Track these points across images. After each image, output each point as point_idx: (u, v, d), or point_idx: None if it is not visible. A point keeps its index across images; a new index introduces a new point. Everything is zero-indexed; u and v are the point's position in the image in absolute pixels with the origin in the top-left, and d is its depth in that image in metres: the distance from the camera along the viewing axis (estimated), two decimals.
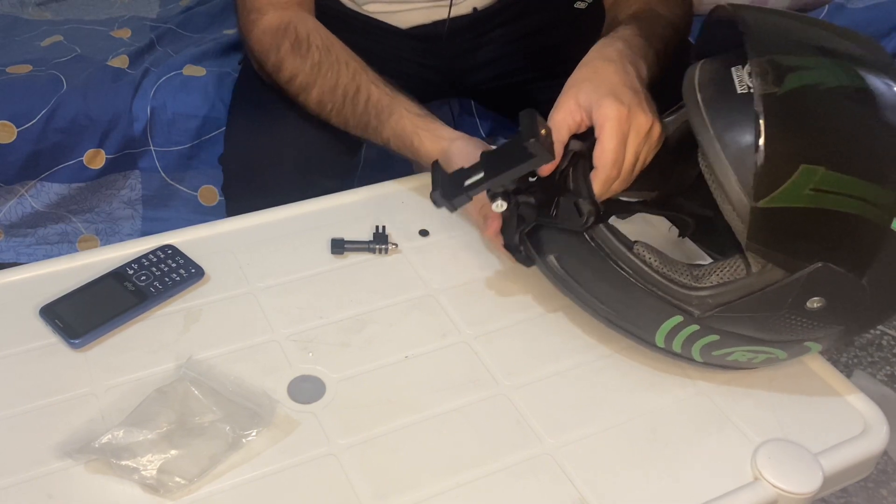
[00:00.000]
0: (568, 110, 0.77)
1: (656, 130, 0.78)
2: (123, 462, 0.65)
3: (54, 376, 0.74)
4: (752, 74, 0.65)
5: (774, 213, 0.62)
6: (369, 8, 1.18)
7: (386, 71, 1.02)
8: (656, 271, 0.70)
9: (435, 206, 0.75)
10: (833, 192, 0.62)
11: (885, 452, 0.73)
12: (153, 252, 0.85)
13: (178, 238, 0.88)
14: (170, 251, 0.85)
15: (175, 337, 0.78)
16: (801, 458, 0.69)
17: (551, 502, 0.66)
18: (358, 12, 1.19)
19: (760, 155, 0.62)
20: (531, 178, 0.75)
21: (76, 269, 0.84)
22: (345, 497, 0.65)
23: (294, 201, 0.95)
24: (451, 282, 0.85)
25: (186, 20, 1.65)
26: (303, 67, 1.01)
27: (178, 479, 0.65)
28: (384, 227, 0.90)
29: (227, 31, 1.60)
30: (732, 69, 0.69)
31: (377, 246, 0.88)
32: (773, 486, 0.67)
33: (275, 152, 1.07)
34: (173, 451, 0.66)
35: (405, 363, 0.77)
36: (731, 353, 0.71)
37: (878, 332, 1.66)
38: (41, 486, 0.65)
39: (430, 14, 1.18)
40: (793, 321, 0.67)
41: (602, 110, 0.75)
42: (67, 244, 1.49)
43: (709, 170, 0.68)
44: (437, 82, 1.26)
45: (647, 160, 0.78)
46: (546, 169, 0.76)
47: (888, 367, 1.59)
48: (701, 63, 0.73)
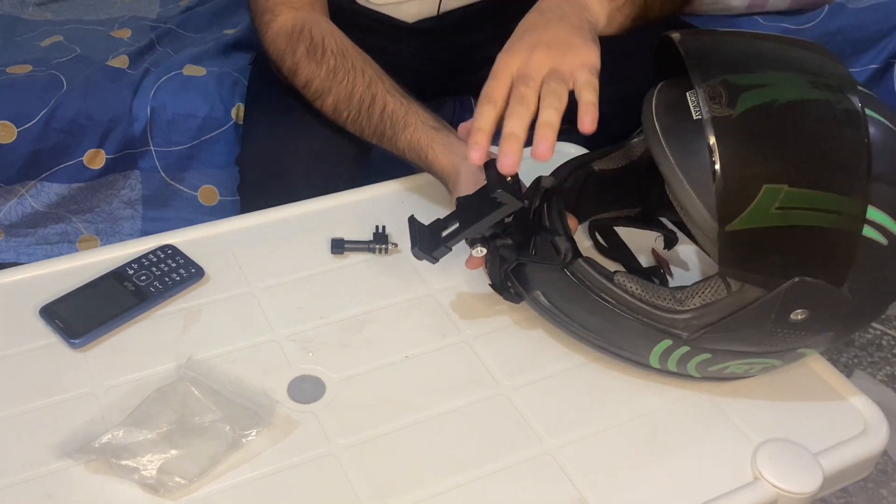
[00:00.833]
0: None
1: (569, 62, 0.75)
2: (123, 462, 0.65)
3: (54, 376, 0.74)
4: (704, 99, 0.65)
5: (743, 235, 0.62)
6: (375, 0, 1.18)
7: (390, 66, 1.02)
8: (639, 299, 0.70)
9: (417, 259, 0.77)
10: (799, 207, 0.62)
11: (885, 452, 0.73)
12: (153, 252, 0.85)
13: (178, 238, 0.88)
14: (170, 251, 0.85)
15: (175, 337, 0.78)
16: (801, 457, 0.69)
17: (551, 502, 0.66)
18: (363, 7, 1.19)
19: (720, 181, 0.62)
20: (507, 220, 0.76)
21: (76, 269, 0.85)
22: (345, 497, 0.65)
23: None
24: (450, 281, 0.85)
25: (186, 20, 1.65)
26: (318, 73, 1.01)
27: (178, 479, 0.65)
28: (384, 227, 0.90)
29: (227, 31, 1.60)
30: (688, 94, 0.68)
31: (377, 246, 0.88)
32: (773, 485, 0.67)
33: (292, 156, 1.07)
34: (173, 451, 0.66)
35: (405, 363, 0.77)
36: (726, 368, 0.71)
37: (878, 332, 1.66)
38: (41, 486, 0.65)
39: (433, 5, 1.18)
40: (780, 333, 0.67)
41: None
42: (67, 244, 1.49)
43: (674, 198, 0.68)
44: (442, 78, 1.26)
45: (587, 85, 0.74)
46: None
47: (888, 367, 1.59)
48: (658, 89, 0.72)
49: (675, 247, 0.88)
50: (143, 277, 0.82)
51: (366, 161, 1.11)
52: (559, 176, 0.81)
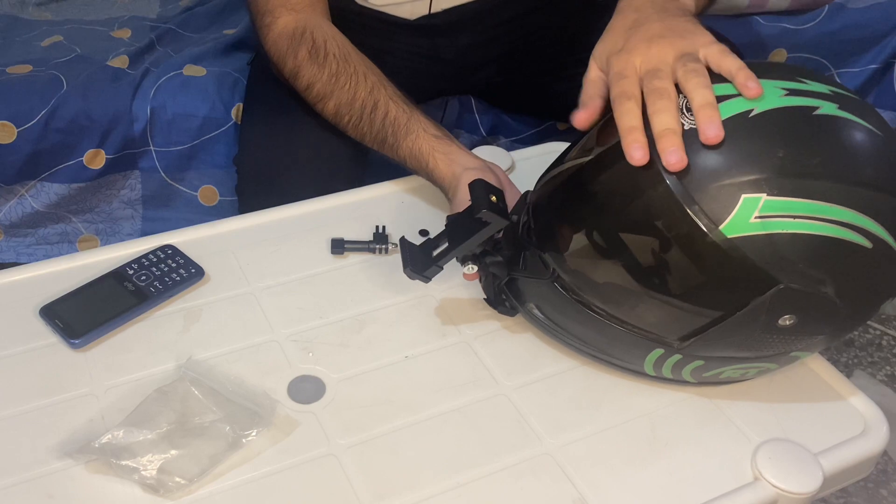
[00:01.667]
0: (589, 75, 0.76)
1: (690, 46, 0.72)
2: (123, 462, 0.65)
3: (54, 376, 0.74)
4: (682, 112, 0.66)
5: (726, 244, 0.62)
6: (375, 0, 1.18)
7: (391, 67, 1.02)
8: None
9: (410, 279, 0.77)
10: (778, 216, 0.62)
11: (885, 452, 0.73)
12: (153, 252, 0.85)
13: (178, 238, 0.88)
14: (170, 251, 0.85)
15: (175, 337, 0.78)
16: (801, 457, 0.69)
17: (551, 502, 0.66)
18: (364, 6, 1.19)
19: (700, 192, 0.63)
20: (497, 235, 0.76)
21: (76, 269, 0.85)
22: (345, 497, 0.65)
23: None
24: (450, 281, 0.85)
25: (186, 20, 1.65)
26: (320, 76, 1.01)
27: (178, 479, 0.65)
28: (384, 227, 0.90)
29: (227, 31, 1.60)
30: None
31: (377, 246, 0.88)
32: (773, 485, 0.67)
33: (290, 156, 1.07)
34: (173, 451, 0.66)
35: (405, 363, 0.77)
36: (721, 373, 0.72)
37: (878, 332, 1.66)
38: (41, 486, 0.65)
39: (425, 5, 1.18)
40: (770, 339, 0.67)
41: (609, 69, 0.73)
42: (67, 244, 1.49)
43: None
44: (443, 77, 1.26)
45: (715, 64, 0.70)
46: (582, 120, 0.73)
47: (888, 367, 1.59)
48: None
49: None
50: (144, 277, 0.82)
51: (365, 161, 1.11)
52: (538, 185, 0.80)
